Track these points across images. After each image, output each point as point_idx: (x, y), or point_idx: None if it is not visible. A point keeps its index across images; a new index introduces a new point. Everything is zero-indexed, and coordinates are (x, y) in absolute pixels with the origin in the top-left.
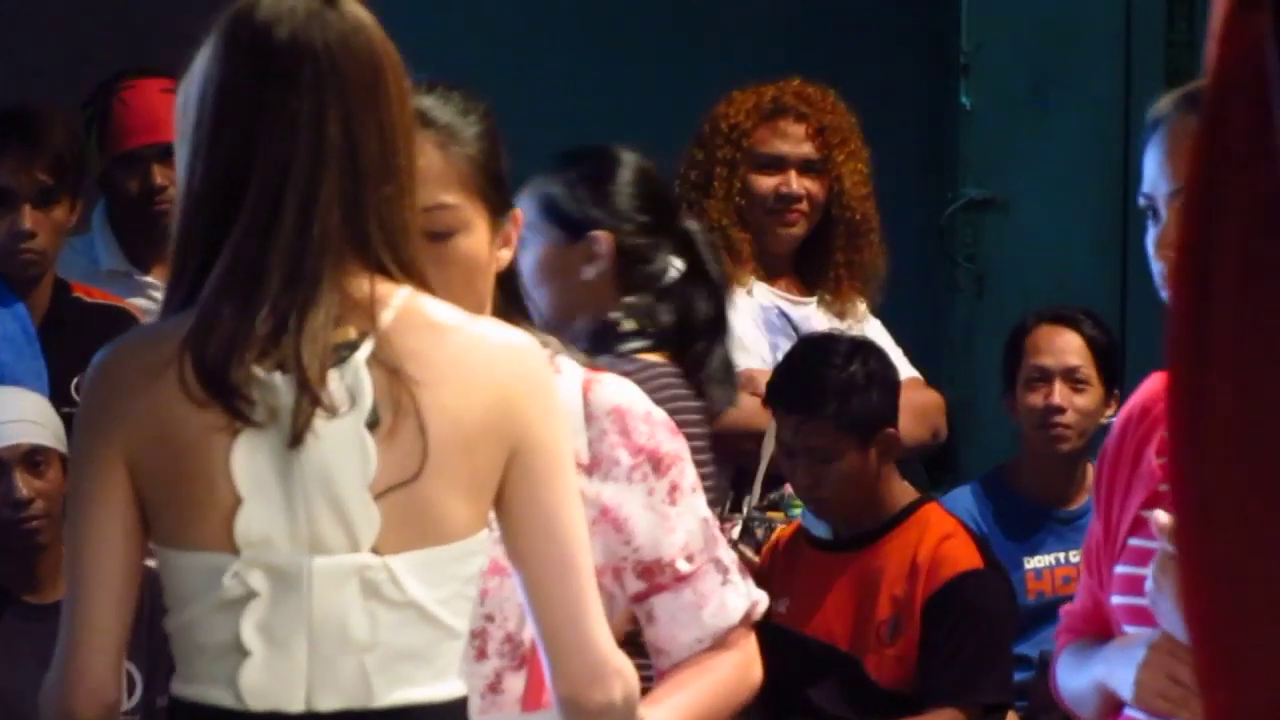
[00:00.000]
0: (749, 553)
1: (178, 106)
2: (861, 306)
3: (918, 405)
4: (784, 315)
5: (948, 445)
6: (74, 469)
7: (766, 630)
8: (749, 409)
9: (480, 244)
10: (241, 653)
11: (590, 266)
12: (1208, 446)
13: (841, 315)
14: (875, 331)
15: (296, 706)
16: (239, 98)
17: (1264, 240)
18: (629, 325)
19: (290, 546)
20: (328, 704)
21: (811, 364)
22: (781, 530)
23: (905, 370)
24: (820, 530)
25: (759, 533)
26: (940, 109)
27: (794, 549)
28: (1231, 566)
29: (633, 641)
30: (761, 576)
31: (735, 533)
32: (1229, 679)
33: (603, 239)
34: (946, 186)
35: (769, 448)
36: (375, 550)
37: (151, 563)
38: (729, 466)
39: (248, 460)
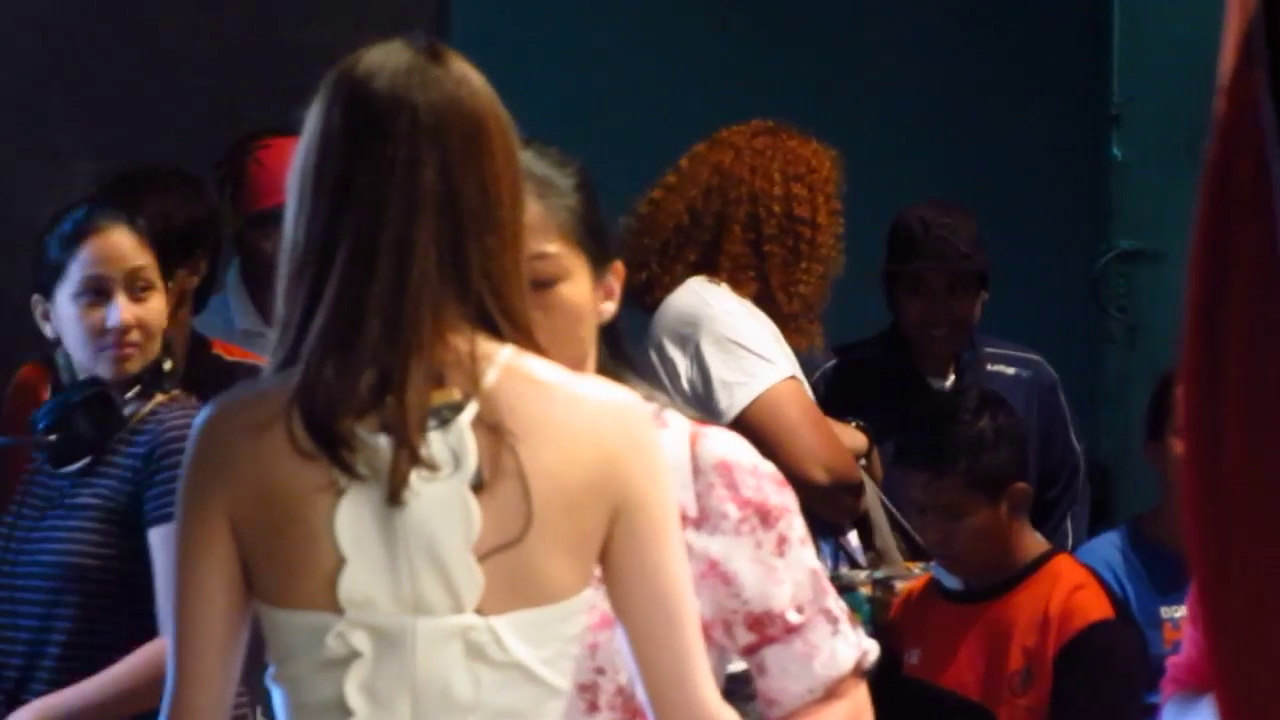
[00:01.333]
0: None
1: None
2: None
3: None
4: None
5: (1103, 495)
6: (178, 526)
7: (899, 682)
8: (847, 460)
9: (582, 293)
10: (345, 712)
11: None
12: (1222, 500)
13: None
14: None
15: None
16: (336, 149)
17: (1269, 294)
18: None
19: (394, 607)
20: None
21: (941, 421)
22: (913, 582)
23: None
24: (951, 582)
25: (896, 585)
26: (1092, 160)
27: (925, 601)
28: (1247, 618)
29: (733, 691)
30: (894, 628)
31: (868, 585)
32: None
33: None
34: (1099, 238)
35: (875, 498)
36: (479, 611)
37: None
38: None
39: (351, 520)
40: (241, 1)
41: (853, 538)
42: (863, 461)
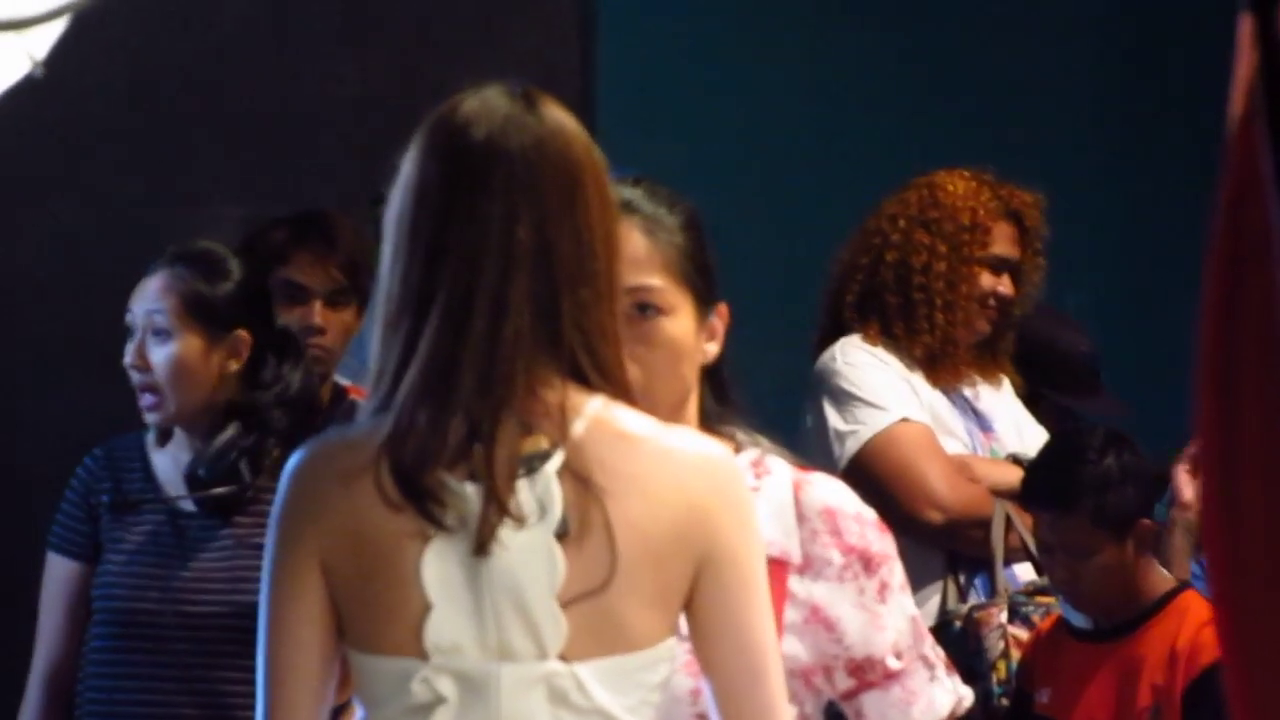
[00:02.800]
0: (1021, 634)
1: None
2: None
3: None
4: (964, 398)
5: None
6: (269, 571)
7: (1030, 719)
8: (973, 496)
9: (686, 330)
10: None
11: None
12: (1241, 549)
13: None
14: (1026, 420)
15: None
16: (432, 199)
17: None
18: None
19: (479, 653)
20: None
21: (1066, 460)
22: (1042, 622)
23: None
24: (1079, 620)
25: (1035, 618)
26: None
27: (1055, 639)
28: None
29: None
30: (1025, 667)
31: (1003, 616)
32: None
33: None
34: None
35: (1000, 533)
36: (562, 658)
37: None
38: (941, 552)
39: (438, 567)
40: (385, 44)
41: (1022, 570)
42: None
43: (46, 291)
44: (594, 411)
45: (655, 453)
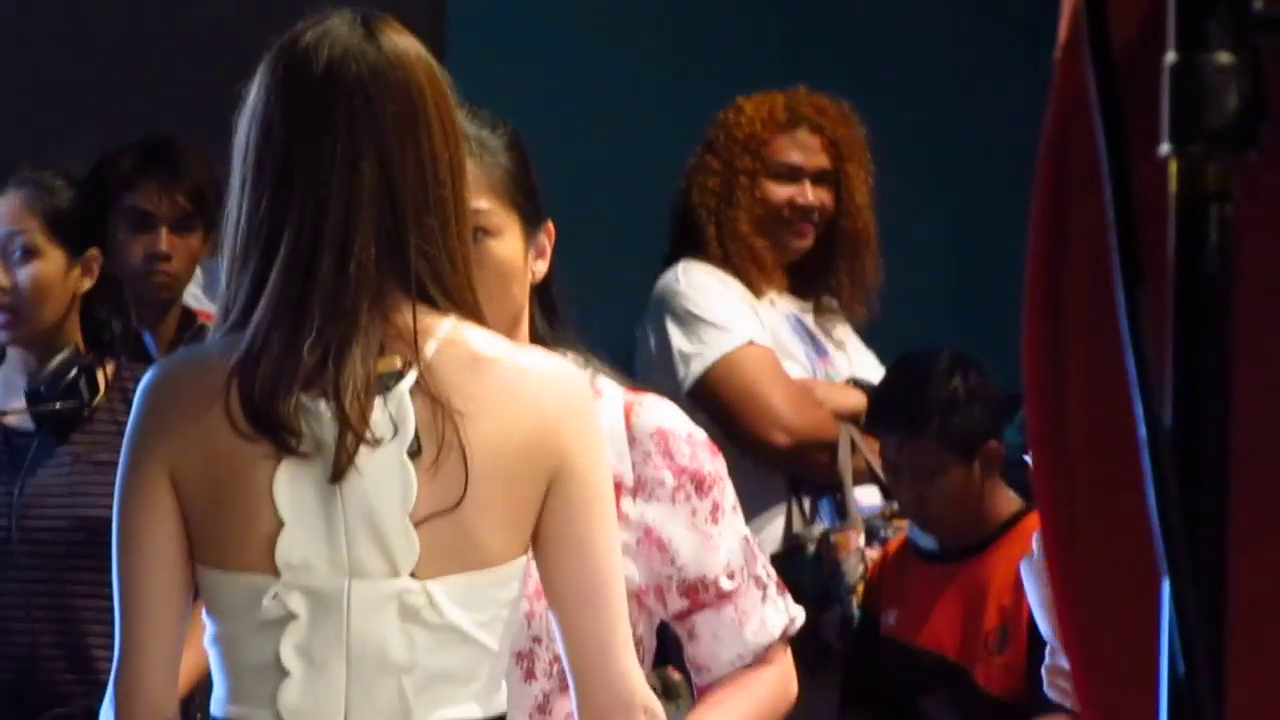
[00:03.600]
0: (874, 556)
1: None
2: (842, 319)
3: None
4: (801, 323)
5: None
6: (121, 486)
7: (876, 642)
8: (818, 420)
9: (514, 251)
10: (281, 673)
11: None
12: (1070, 475)
13: (827, 320)
14: (849, 336)
15: None
16: (276, 134)
17: (1104, 262)
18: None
19: (329, 570)
20: None
21: (912, 381)
22: (889, 543)
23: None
24: (927, 542)
25: (888, 536)
26: None
27: (902, 561)
28: (1094, 589)
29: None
30: (871, 589)
31: (860, 540)
32: (1100, 698)
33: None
34: None
35: (847, 456)
36: (414, 575)
37: None
38: (783, 476)
39: (290, 486)
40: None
41: (866, 493)
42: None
43: None
44: (445, 333)
45: (507, 372)
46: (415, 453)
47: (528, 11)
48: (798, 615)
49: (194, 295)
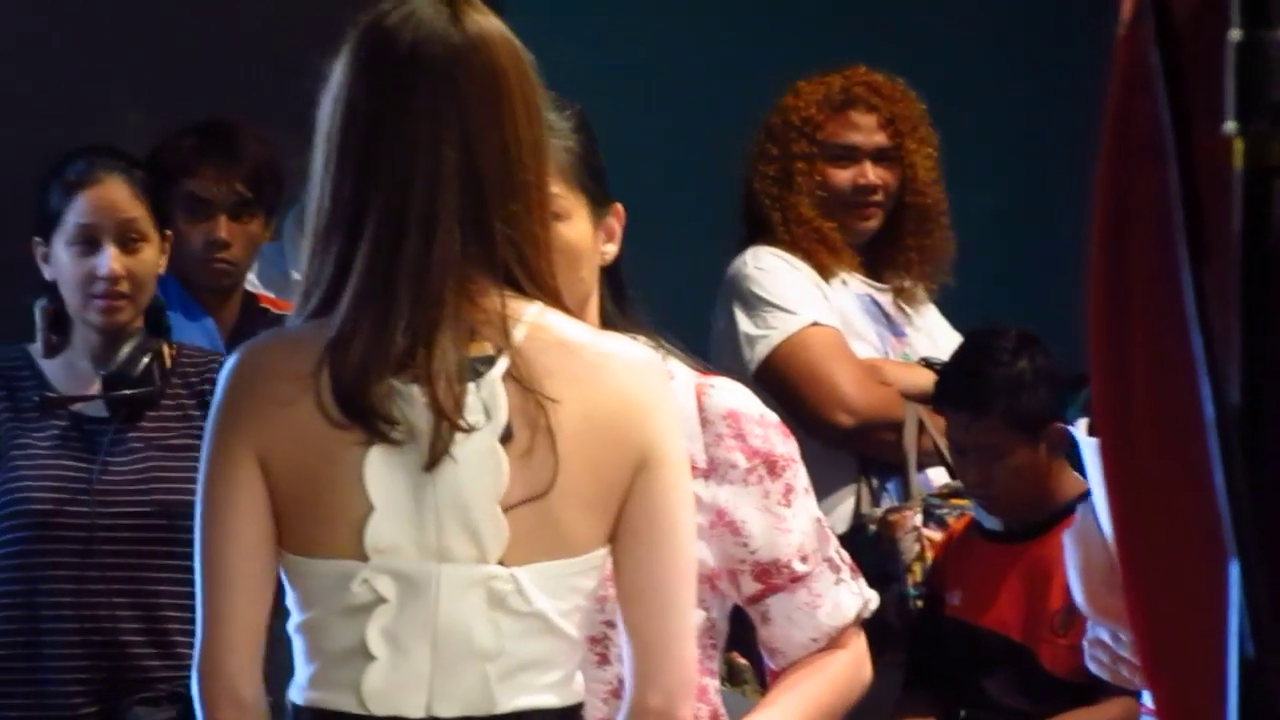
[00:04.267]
0: (936, 537)
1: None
2: (922, 293)
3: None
4: (876, 303)
5: None
6: (207, 468)
7: (940, 622)
8: (883, 399)
9: (583, 234)
10: (366, 657)
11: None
12: (1135, 454)
13: (910, 301)
14: (934, 318)
15: (417, 712)
16: (360, 117)
17: (1168, 236)
18: None
19: (418, 554)
20: (448, 710)
21: (980, 362)
22: (954, 524)
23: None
24: (991, 523)
25: (949, 520)
26: None
27: (966, 542)
28: (1160, 569)
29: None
30: (936, 569)
31: (917, 519)
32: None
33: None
34: None
35: (912, 436)
36: (502, 562)
37: None
38: (853, 457)
39: (381, 471)
40: None
41: (936, 474)
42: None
43: None
44: (532, 318)
45: (592, 358)
46: (507, 439)
47: None
48: (871, 598)
49: (249, 280)
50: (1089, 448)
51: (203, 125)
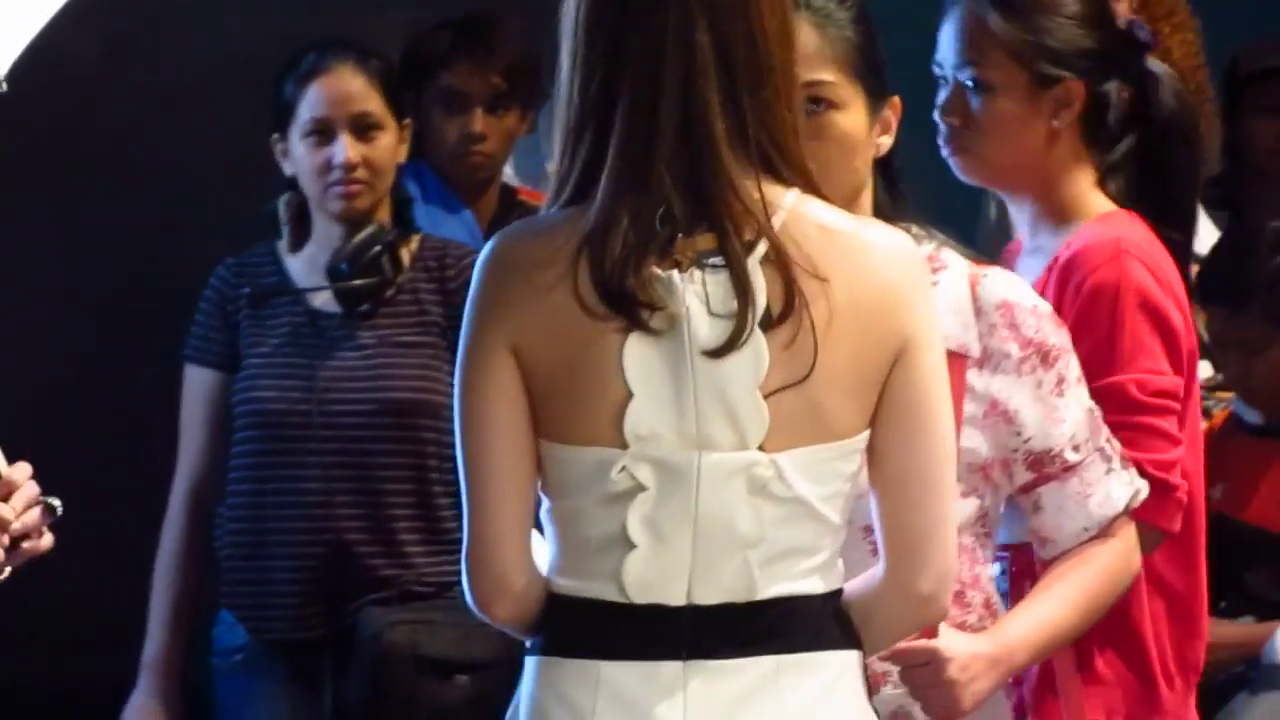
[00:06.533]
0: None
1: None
2: None
3: None
4: None
5: None
6: (462, 361)
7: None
8: None
9: (858, 124)
10: (628, 545)
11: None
12: None
13: None
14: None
15: (678, 600)
16: (607, 8)
17: None
18: None
19: (678, 441)
20: (709, 598)
21: (1239, 255)
22: (1216, 416)
23: None
24: (1252, 416)
25: (1215, 412)
26: None
27: (1227, 435)
28: None
29: None
30: None
31: None
32: None
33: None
34: None
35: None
36: (762, 448)
37: None
38: None
39: (640, 358)
40: None
41: (1201, 367)
42: None
43: (212, 101)
44: (790, 204)
45: (852, 244)
46: (766, 325)
47: None
48: (1142, 488)
49: (506, 173)
50: None
51: (460, 19)
